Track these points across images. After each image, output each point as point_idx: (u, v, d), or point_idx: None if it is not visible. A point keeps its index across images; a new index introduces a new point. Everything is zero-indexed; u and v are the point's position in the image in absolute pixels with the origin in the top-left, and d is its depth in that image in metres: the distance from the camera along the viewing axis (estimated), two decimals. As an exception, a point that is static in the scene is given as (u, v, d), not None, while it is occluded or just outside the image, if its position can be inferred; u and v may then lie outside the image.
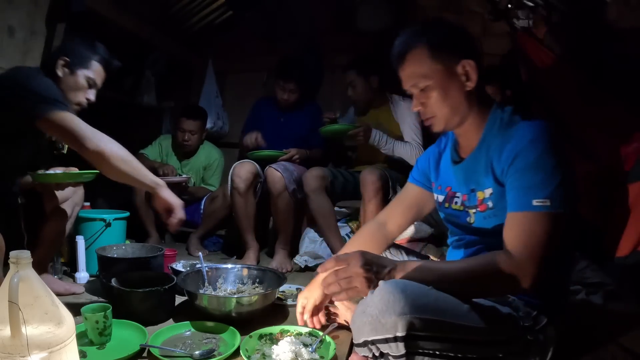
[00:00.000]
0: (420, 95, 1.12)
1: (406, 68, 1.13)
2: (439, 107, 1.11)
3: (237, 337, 1.31)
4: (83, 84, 1.63)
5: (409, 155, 2.44)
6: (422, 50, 1.09)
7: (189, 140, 2.88)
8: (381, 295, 0.88)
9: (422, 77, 1.10)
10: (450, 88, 1.09)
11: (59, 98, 1.43)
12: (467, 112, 1.11)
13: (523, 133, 1.01)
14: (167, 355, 1.22)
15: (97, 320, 1.25)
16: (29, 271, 0.78)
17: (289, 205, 2.38)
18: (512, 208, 0.99)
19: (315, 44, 3.31)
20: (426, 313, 0.86)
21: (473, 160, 1.13)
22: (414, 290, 0.89)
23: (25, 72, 1.49)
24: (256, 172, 2.46)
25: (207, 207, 2.77)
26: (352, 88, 2.57)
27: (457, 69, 1.08)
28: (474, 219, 1.11)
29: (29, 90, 1.40)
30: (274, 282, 1.68)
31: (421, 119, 1.19)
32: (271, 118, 2.81)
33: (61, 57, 1.59)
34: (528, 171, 0.97)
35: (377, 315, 0.87)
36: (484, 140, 1.11)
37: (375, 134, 2.37)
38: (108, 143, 1.41)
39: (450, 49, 1.09)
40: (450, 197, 1.20)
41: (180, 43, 3.42)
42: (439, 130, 1.16)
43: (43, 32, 2.19)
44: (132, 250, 1.96)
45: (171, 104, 3.57)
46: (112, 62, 1.70)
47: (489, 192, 1.07)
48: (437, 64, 1.08)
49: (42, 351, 0.74)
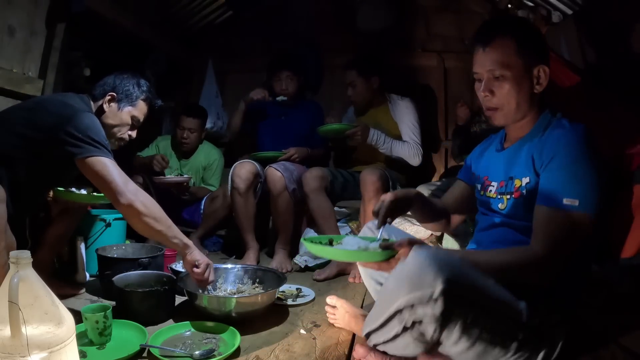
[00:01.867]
0: (493, 82, 1.16)
1: (490, 51, 1.15)
2: (508, 100, 1.15)
3: (237, 337, 1.31)
4: (127, 121, 1.66)
5: (407, 155, 2.44)
6: (510, 41, 1.13)
7: (188, 138, 2.87)
8: (420, 256, 0.92)
9: (503, 65, 1.13)
10: (523, 85, 1.14)
11: (104, 143, 1.44)
12: (527, 112, 1.18)
13: (565, 134, 1.08)
14: (167, 355, 1.22)
15: (97, 320, 1.25)
16: (29, 271, 0.78)
17: (289, 205, 2.38)
18: (543, 202, 1.05)
19: (315, 44, 3.31)
20: (465, 278, 0.90)
21: (516, 150, 1.19)
22: (453, 256, 0.95)
23: (78, 107, 1.48)
24: (256, 172, 2.46)
25: (207, 207, 2.77)
26: (352, 88, 2.57)
27: (533, 70, 1.14)
28: (506, 205, 1.17)
29: (78, 128, 1.39)
30: (274, 282, 1.68)
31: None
32: (272, 117, 2.82)
33: (109, 92, 1.61)
34: (563, 170, 1.04)
35: (417, 271, 0.89)
36: (530, 135, 1.17)
37: (372, 133, 2.37)
38: (140, 198, 1.41)
39: (534, 50, 1.15)
40: (486, 186, 1.27)
41: (180, 43, 3.42)
42: (499, 124, 1.22)
43: (43, 32, 2.19)
44: (132, 250, 1.96)
45: (171, 104, 3.57)
46: (156, 101, 1.74)
47: (525, 181, 1.13)
48: (520, 59, 1.13)
49: (42, 351, 0.74)
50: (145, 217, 1.40)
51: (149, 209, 1.41)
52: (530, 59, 1.14)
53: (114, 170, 1.41)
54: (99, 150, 1.41)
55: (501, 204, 1.20)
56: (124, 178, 1.42)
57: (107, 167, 1.40)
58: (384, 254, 1.06)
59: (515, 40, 1.13)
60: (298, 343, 1.37)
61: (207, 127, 3.19)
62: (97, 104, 1.62)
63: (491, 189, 1.25)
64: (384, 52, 3.02)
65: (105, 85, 1.64)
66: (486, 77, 1.17)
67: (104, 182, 1.40)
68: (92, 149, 1.40)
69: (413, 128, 2.49)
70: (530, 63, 1.14)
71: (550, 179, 1.06)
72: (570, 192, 1.01)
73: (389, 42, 3.15)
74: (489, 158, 1.32)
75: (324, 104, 2.92)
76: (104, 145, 1.44)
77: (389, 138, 2.42)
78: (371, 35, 3.11)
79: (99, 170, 1.40)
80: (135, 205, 1.39)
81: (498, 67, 1.14)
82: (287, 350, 1.32)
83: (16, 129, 1.41)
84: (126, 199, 1.39)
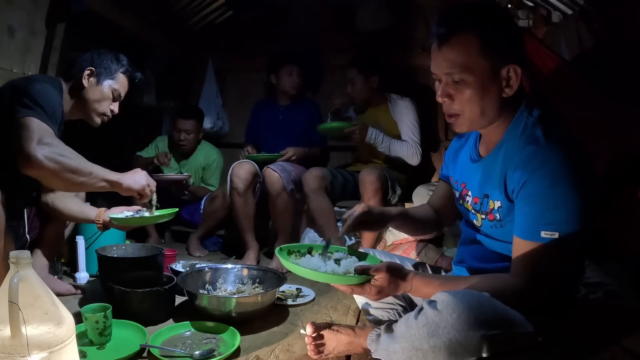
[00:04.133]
0: (452, 86, 0.99)
1: (447, 51, 0.97)
2: (470, 107, 0.99)
3: (237, 337, 1.31)
4: (108, 95, 1.64)
5: (406, 154, 2.44)
6: (472, 39, 0.95)
7: (185, 140, 2.88)
8: (456, 312, 0.80)
9: (462, 68, 0.96)
10: (489, 90, 0.97)
11: (45, 107, 1.36)
12: (496, 117, 1.02)
13: (536, 153, 0.93)
14: (167, 355, 1.22)
15: (97, 320, 1.25)
16: (29, 271, 0.78)
17: (288, 205, 2.38)
18: (520, 234, 0.94)
19: (315, 44, 3.31)
20: (503, 327, 0.80)
21: (490, 164, 1.06)
22: (483, 302, 0.83)
23: (37, 79, 1.45)
24: (255, 172, 2.46)
25: (206, 207, 2.77)
26: (352, 85, 2.58)
27: (501, 71, 0.96)
28: (481, 224, 1.08)
29: (28, 93, 1.36)
30: (274, 282, 1.68)
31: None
32: (270, 117, 2.82)
33: (87, 67, 1.60)
34: (538, 199, 0.91)
35: (456, 335, 0.78)
36: (503, 143, 1.03)
37: (371, 132, 2.37)
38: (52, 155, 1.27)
39: (503, 47, 0.96)
40: (464, 195, 1.15)
41: (180, 43, 3.42)
42: (460, 132, 1.08)
43: (43, 32, 2.19)
44: (132, 250, 1.95)
45: (171, 104, 3.57)
46: (135, 74, 1.72)
47: (498, 205, 1.02)
48: (484, 60, 0.95)
49: (42, 351, 0.74)
50: (62, 174, 1.29)
51: (64, 164, 1.29)
52: (498, 58, 0.95)
53: (34, 128, 1.28)
54: (33, 111, 1.31)
55: (476, 221, 1.09)
56: (40, 135, 1.27)
57: (27, 126, 1.28)
58: (358, 279, 1.01)
59: (478, 36, 0.94)
60: (298, 343, 1.37)
61: (207, 127, 3.19)
62: (73, 81, 1.60)
63: (468, 199, 1.13)
64: (384, 52, 3.02)
65: (83, 61, 1.62)
66: (444, 81, 1.01)
67: (18, 144, 1.26)
68: (26, 110, 1.31)
69: (412, 127, 2.49)
70: (497, 63, 0.95)
71: (524, 208, 0.93)
72: (548, 224, 0.90)
73: (389, 42, 3.15)
74: (464, 165, 1.17)
75: (324, 104, 2.92)
76: (44, 109, 1.34)
77: (388, 137, 2.42)
78: (371, 35, 3.10)
79: (19, 131, 1.27)
80: (45, 165, 1.25)
81: (457, 70, 0.97)
82: (287, 350, 1.32)
83: None
84: (31, 163, 1.25)
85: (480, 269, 1.10)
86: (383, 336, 0.99)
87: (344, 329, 1.21)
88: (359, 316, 1.60)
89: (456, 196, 1.20)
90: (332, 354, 1.22)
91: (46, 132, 1.31)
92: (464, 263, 1.17)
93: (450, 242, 2.25)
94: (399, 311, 1.28)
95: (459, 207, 1.20)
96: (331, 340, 1.21)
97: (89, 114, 1.65)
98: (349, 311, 1.66)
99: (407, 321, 0.91)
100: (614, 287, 1.63)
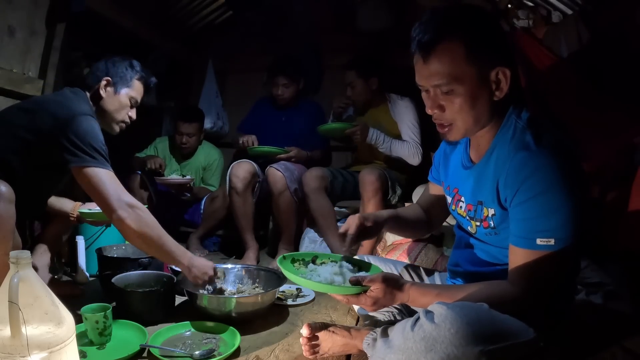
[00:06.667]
0: (442, 97, 0.97)
1: (433, 63, 0.94)
2: (462, 116, 0.97)
3: (237, 337, 1.31)
4: (126, 103, 1.65)
5: (406, 154, 2.44)
6: (457, 47, 0.92)
7: (187, 143, 2.88)
8: (454, 327, 0.80)
9: (451, 78, 0.93)
10: (479, 96, 0.95)
11: (101, 151, 1.42)
12: (488, 121, 1.00)
13: (527, 160, 0.91)
14: (167, 355, 1.22)
15: (97, 320, 1.25)
16: (29, 271, 0.78)
17: (291, 204, 2.38)
18: (516, 243, 0.94)
19: (315, 44, 3.31)
20: (502, 340, 0.79)
21: (482, 170, 1.04)
22: (481, 316, 0.82)
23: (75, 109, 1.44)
24: (254, 172, 2.46)
25: (207, 207, 2.77)
26: (352, 88, 2.57)
27: (490, 75, 0.94)
28: (476, 231, 1.07)
29: (77, 134, 1.38)
30: (274, 282, 1.68)
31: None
32: (272, 117, 2.82)
33: (103, 77, 1.60)
34: (531, 206, 0.91)
35: (454, 351, 0.78)
36: (494, 148, 1.02)
37: (372, 132, 2.37)
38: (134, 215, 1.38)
39: (489, 51, 0.94)
40: (457, 201, 1.14)
41: (180, 43, 3.43)
42: (454, 140, 1.07)
43: (43, 32, 2.19)
44: (132, 250, 1.95)
45: (171, 104, 3.57)
46: (150, 79, 1.72)
47: (491, 213, 1.01)
48: (471, 67, 0.93)
49: (42, 351, 0.74)
50: (138, 235, 1.38)
51: (142, 227, 1.38)
52: (485, 62, 0.93)
53: (109, 183, 1.39)
54: (96, 160, 1.39)
55: (470, 227, 1.08)
56: (119, 192, 1.40)
57: (102, 180, 1.38)
58: (353, 289, 1.02)
59: (463, 43, 0.91)
60: (298, 343, 1.36)
61: (207, 127, 3.19)
62: (92, 92, 1.61)
63: (462, 205, 1.11)
64: (384, 52, 3.02)
65: (98, 71, 1.62)
66: (432, 93, 0.98)
67: (98, 195, 1.39)
68: (89, 159, 1.38)
69: (413, 127, 2.49)
70: (485, 68, 0.93)
71: (518, 216, 0.93)
72: (543, 231, 0.89)
73: (389, 42, 3.15)
74: (456, 171, 1.16)
75: (324, 104, 2.92)
76: (102, 154, 1.42)
77: (389, 137, 2.42)
78: (371, 35, 3.10)
79: (94, 183, 1.38)
80: (127, 222, 1.36)
81: (445, 82, 0.94)
82: (287, 350, 1.32)
83: (16, 132, 1.40)
84: (117, 215, 1.37)
85: (476, 273, 1.10)
86: (379, 341, 0.99)
87: (340, 330, 1.20)
88: (359, 317, 1.60)
89: (448, 201, 1.19)
90: (327, 355, 1.22)
91: (118, 185, 1.41)
92: (459, 267, 1.17)
93: (450, 242, 2.24)
94: (394, 313, 1.27)
95: (452, 213, 1.19)
96: (326, 341, 1.20)
97: (109, 123, 1.65)
98: (348, 311, 1.66)
99: (403, 331, 0.90)
100: (614, 287, 1.63)
